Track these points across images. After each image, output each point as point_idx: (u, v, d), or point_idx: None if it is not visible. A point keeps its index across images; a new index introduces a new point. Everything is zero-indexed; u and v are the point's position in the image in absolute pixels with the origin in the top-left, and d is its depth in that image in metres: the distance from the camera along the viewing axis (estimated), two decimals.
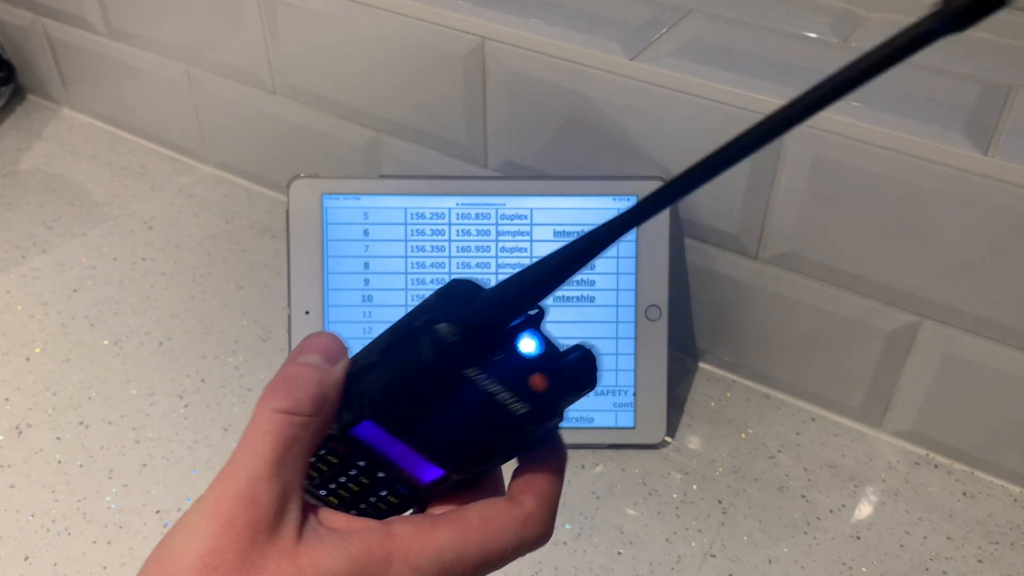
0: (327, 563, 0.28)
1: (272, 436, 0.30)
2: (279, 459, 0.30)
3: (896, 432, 0.65)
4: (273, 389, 0.31)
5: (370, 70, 0.71)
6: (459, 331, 0.29)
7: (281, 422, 0.30)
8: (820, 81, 0.23)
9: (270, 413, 0.30)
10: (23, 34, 0.95)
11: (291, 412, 0.30)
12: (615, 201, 0.63)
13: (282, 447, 0.30)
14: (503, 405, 0.30)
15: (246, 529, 0.28)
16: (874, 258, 0.58)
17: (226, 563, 0.28)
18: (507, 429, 0.31)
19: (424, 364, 0.30)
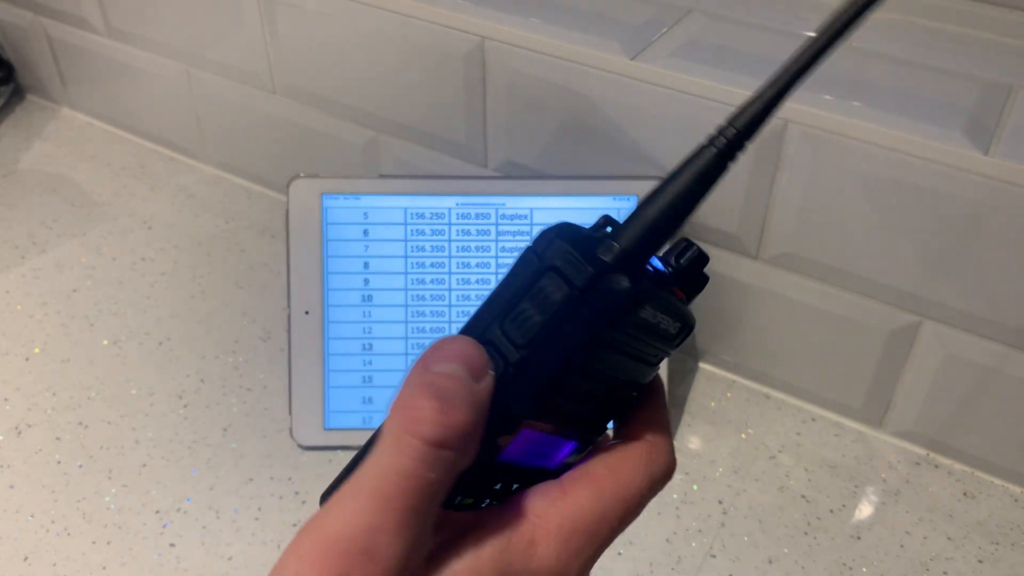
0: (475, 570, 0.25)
1: (411, 480, 0.24)
2: (414, 509, 0.24)
3: (896, 432, 0.65)
4: (416, 407, 0.24)
5: (370, 70, 0.71)
6: (629, 278, 0.26)
7: (426, 458, 0.24)
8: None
9: (414, 444, 0.24)
10: (22, 34, 0.95)
11: (441, 445, 0.24)
12: (615, 201, 0.63)
13: (422, 495, 0.24)
14: (664, 331, 0.28)
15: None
16: (874, 258, 0.58)
17: None
18: (661, 355, 0.29)
19: (603, 323, 0.25)
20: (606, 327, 0.26)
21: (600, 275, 0.25)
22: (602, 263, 0.26)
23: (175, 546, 0.58)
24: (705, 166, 0.27)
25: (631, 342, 0.27)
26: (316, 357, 0.63)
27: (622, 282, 0.25)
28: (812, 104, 0.55)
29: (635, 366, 0.29)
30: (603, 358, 0.27)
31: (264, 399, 0.68)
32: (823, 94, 0.55)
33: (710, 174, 0.27)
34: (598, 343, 0.26)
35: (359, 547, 0.23)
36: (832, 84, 0.56)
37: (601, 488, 0.28)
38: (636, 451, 0.29)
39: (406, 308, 0.64)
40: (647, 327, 0.27)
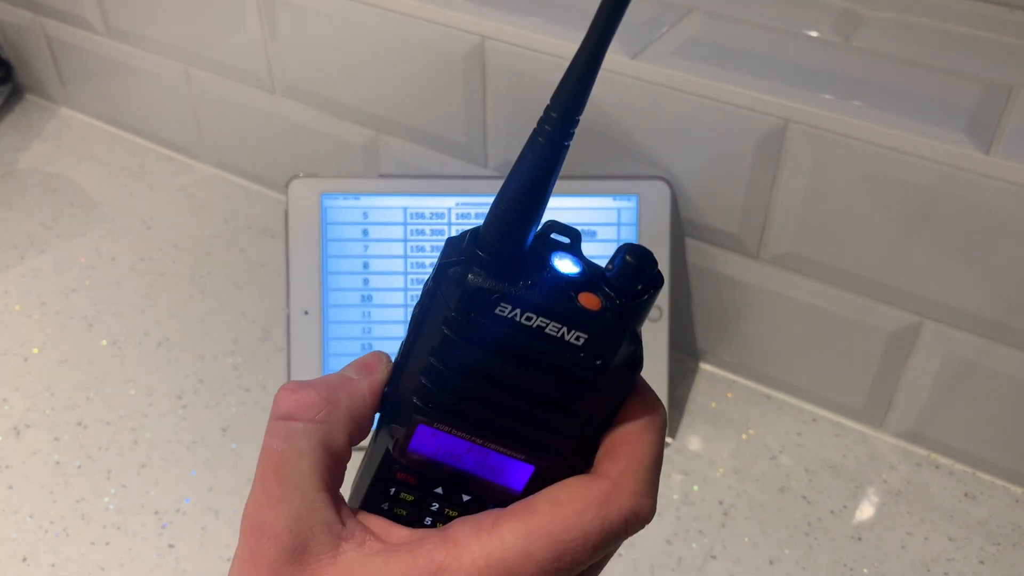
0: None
1: (267, 453, 0.27)
2: (279, 480, 0.26)
3: (897, 433, 0.65)
4: (277, 396, 0.28)
5: (370, 70, 0.71)
6: (464, 265, 0.25)
7: (277, 431, 0.27)
8: None
9: (269, 423, 0.27)
10: (22, 33, 0.95)
11: (287, 417, 0.27)
12: (615, 201, 0.63)
13: (281, 464, 0.27)
14: (557, 340, 0.25)
15: (265, 561, 0.26)
16: (875, 258, 0.58)
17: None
18: (574, 373, 0.25)
19: (447, 319, 0.25)
20: (447, 325, 0.25)
21: (444, 267, 0.25)
22: (450, 262, 0.25)
23: (174, 547, 0.58)
24: (538, 155, 0.25)
25: (511, 343, 0.25)
26: (315, 357, 0.63)
27: (458, 272, 0.25)
28: (813, 104, 0.55)
29: (549, 382, 0.26)
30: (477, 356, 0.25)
31: (263, 399, 0.67)
32: (824, 94, 0.55)
33: (546, 161, 0.25)
34: (460, 335, 0.25)
35: (252, 524, 0.26)
36: (833, 84, 0.56)
37: (535, 526, 0.25)
38: (592, 488, 0.26)
39: (406, 308, 0.64)
40: (516, 327, 0.25)
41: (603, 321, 0.25)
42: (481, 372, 0.26)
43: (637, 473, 0.26)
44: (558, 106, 0.25)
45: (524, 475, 0.28)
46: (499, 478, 0.28)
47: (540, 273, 0.25)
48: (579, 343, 0.25)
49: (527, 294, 0.25)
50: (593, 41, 0.25)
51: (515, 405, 0.26)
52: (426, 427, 0.27)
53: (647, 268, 0.25)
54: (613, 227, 0.63)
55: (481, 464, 0.28)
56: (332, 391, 0.28)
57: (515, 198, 0.25)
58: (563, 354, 0.25)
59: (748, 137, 0.57)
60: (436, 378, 0.26)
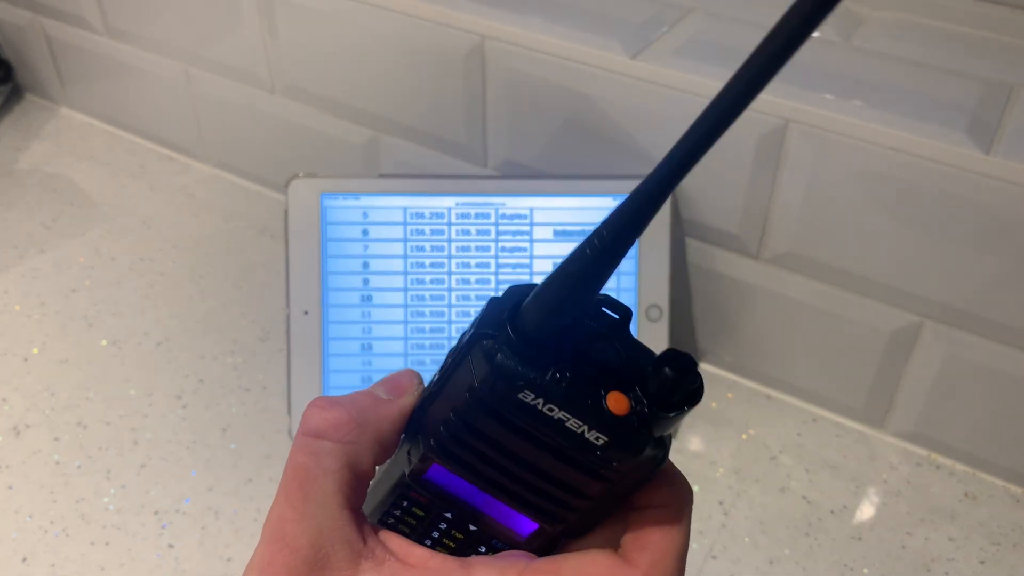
0: None
1: (295, 468, 0.27)
2: (304, 496, 0.27)
3: (898, 433, 0.65)
4: (307, 411, 0.28)
5: (370, 69, 0.71)
6: (497, 340, 0.24)
7: (306, 447, 0.27)
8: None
9: (298, 439, 0.28)
10: (21, 33, 0.95)
11: (316, 435, 0.27)
12: (615, 201, 0.63)
13: (308, 481, 0.27)
14: (577, 436, 0.24)
15: (282, 570, 0.26)
16: (876, 258, 0.58)
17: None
18: (588, 466, 0.25)
19: (471, 388, 0.25)
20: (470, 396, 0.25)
21: (479, 336, 0.25)
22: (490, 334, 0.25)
23: (174, 547, 0.58)
24: (580, 268, 0.24)
25: (529, 428, 0.25)
26: (315, 357, 0.63)
27: (489, 347, 0.24)
28: (813, 103, 0.55)
29: (563, 468, 0.26)
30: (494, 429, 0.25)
31: (263, 399, 0.67)
32: (824, 93, 0.55)
33: (588, 274, 0.24)
34: (479, 406, 0.25)
35: (275, 534, 0.27)
36: (833, 83, 0.56)
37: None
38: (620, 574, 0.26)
39: (405, 308, 0.64)
40: (536, 415, 0.24)
41: (627, 427, 0.24)
42: (495, 443, 0.26)
43: (668, 564, 0.26)
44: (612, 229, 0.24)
45: (529, 528, 0.28)
46: (507, 521, 0.28)
47: (574, 359, 0.24)
48: (598, 443, 0.24)
49: (554, 386, 0.24)
50: (659, 183, 0.24)
51: (526, 479, 0.26)
52: (440, 467, 0.28)
53: (687, 382, 0.24)
54: None
55: (490, 506, 0.28)
56: (362, 413, 0.28)
57: (563, 286, 0.24)
58: (581, 450, 0.25)
59: (748, 137, 0.57)
60: (454, 432, 0.26)
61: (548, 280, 0.25)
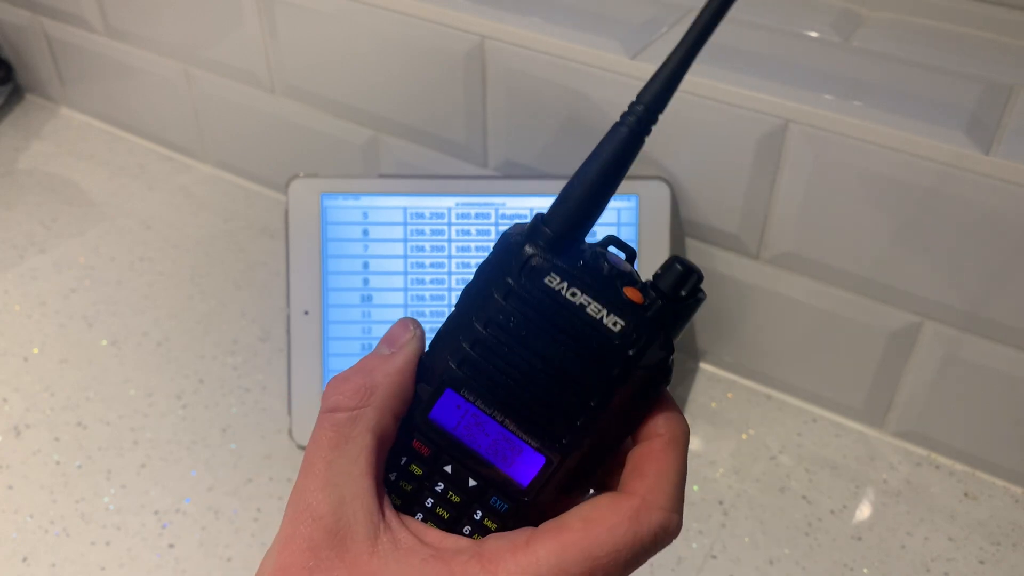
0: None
1: (316, 442, 0.28)
2: (327, 465, 0.27)
3: (897, 433, 0.65)
4: (325, 392, 0.29)
5: (370, 69, 0.71)
6: (526, 236, 0.27)
7: (324, 423, 0.28)
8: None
9: (319, 416, 0.29)
10: (21, 33, 0.95)
11: (333, 409, 0.28)
12: (615, 201, 0.63)
13: (330, 451, 0.28)
14: (596, 321, 0.26)
15: (306, 543, 0.26)
16: (875, 258, 0.58)
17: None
18: (604, 359, 0.26)
19: (499, 284, 0.26)
20: (507, 279, 0.27)
21: (505, 236, 0.27)
22: (518, 241, 0.27)
23: (174, 547, 0.58)
24: (620, 145, 0.28)
25: (553, 314, 0.27)
26: (315, 357, 0.63)
27: (518, 240, 0.27)
28: (813, 104, 0.55)
29: (579, 364, 0.27)
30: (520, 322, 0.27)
31: (263, 399, 0.67)
32: (824, 94, 0.55)
33: (626, 151, 0.28)
34: (507, 298, 0.27)
35: (297, 508, 0.27)
36: (833, 84, 0.56)
37: (568, 543, 0.26)
38: (622, 506, 0.27)
39: (405, 308, 0.64)
40: (560, 300, 0.27)
41: (642, 315, 0.27)
42: (519, 340, 0.27)
43: (664, 489, 0.27)
44: (648, 99, 0.28)
45: (532, 469, 0.28)
46: (508, 467, 0.29)
47: (594, 262, 0.27)
48: (616, 329, 0.26)
49: (578, 272, 0.27)
50: (688, 44, 0.28)
51: (544, 382, 0.27)
52: (453, 393, 0.28)
53: (693, 279, 0.27)
54: (613, 227, 0.63)
55: (494, 448, 0.28)
56: (369, 376, 0.29)
57: (589, 180, 0.27)
58: (599, 336, 0.26)
59: (748, 137, 0.57)
60: (475, 343, 0.28)
61: (580, 171, 0.28)
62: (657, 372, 0.27)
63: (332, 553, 0.26)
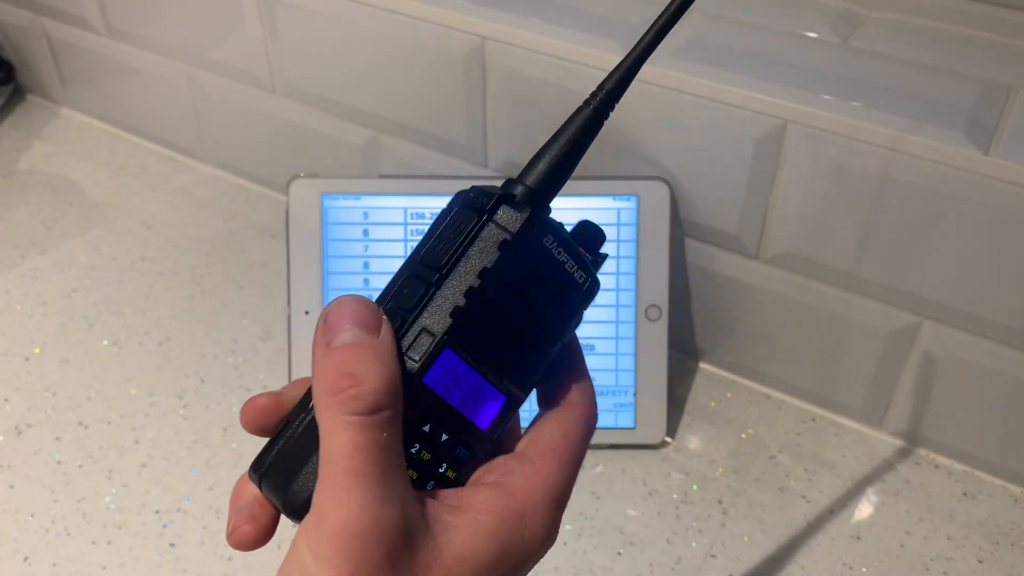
0: (471, 553, 0.27)
1: (370, 448, 0.26)
2: (384, 471, 0.26)
3: (896, 432, 0.65)
4: (339, 390, 0.27)
5: (370, 70, 0.71)
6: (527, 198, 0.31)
7: (368, 426, 0.26)
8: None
9: (355, 420, 0.26)
10: (22, 33, 0.95)
11: (374, 410, 0.26)
12: (615, 201, 0.63)
13: (385, 453, 0.26)
14: (571, 275, 0.32)
15: (385, 559, 0.25)
16: (874, 258, 0.58)
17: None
18: (570, 309, 0.32)
19: (503, 242, 0.30)
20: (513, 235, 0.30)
21: (501, 199, 0.30)
22: (505, 194, 0.31)
23: (175, 546, 0.58)
24: (584, 122, 0.32)
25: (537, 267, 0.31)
26: None
27: (522, 203, 0.30)
28: (812, 104, 0.55)
29: (549, 306, 0.31)
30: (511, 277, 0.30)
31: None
32: (823, 94, 0.55)
33: (589, 128, 0.32)
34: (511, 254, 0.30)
35: (368, 526, 0.25)
36: (832, 84, 0.56)
37: (564, 457, 0.31)
38: (579, 414, 0.32)
39: None
40: (551, 258, 0.31)
41: (593, 269, 0.33)
42: (512, 290, 0.30)
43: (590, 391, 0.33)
44: (610, 87, 0.33)
45: (492, 411, 0.31)
46: (471, 414, 0.31)
47: (559, 225, 0.32)
48: (581, 282, 0.32)
49: (566, 236, 0.32)
50: (648, 39, 0.33)
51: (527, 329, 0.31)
52: (451, 352, 0.29)
53: (602, 232, 0.35)
54: (613, 227, 0.63)
55: (464, 398, 0.30)
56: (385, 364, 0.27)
57: (558, 148, 0.32)
58: (573, 288, 0.32)
59: (747, 137, 0.57)
60: (468, 294, 0.29)
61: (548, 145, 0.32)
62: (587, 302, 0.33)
63: (406, 557, 0.26)
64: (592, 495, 0.62)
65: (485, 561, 0.27)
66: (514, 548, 0.28)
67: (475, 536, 0.27)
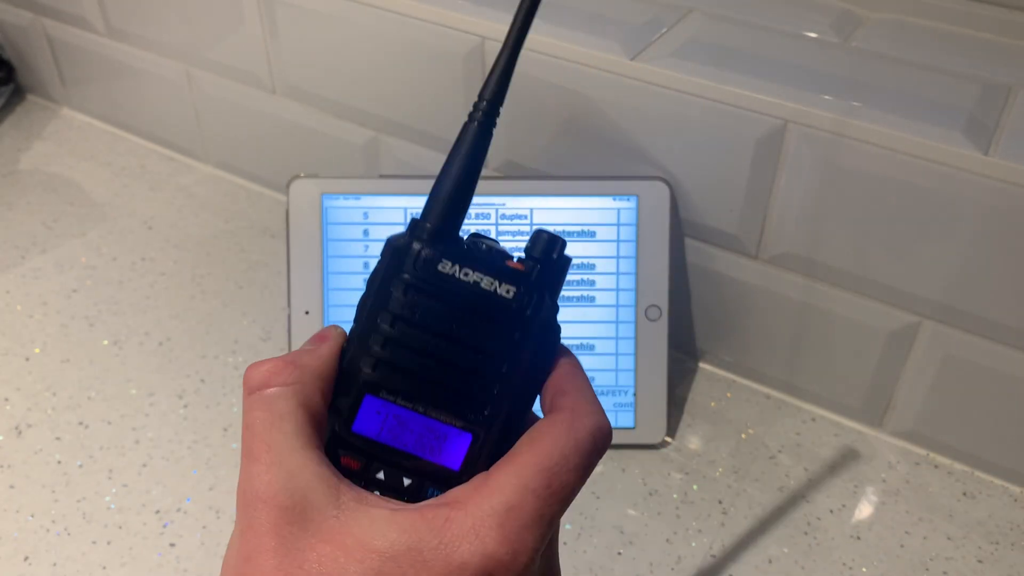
0: (377, 538, 0.26)
1: (249, 427, 0.28)
2: (267, 446, 0.27)
3: (896, 432, 0.65)
4: (245, 376, 0.30)
5: (370, 70, 0.71)
6: (409, 235, 0.30)
7: (254, 405, 0.28)
8: None
9: (245, 399, 0.29)
10: (23, 34, 0.95)
11: (261, 387, 0.29)
12: (615, 201, 0.63)
13: (264, 430, 0.28)
14: (491, 293, 0.30)
15: (265, 527, 0.26)
16: (874, 258, 0.58)
17: (263, 566, 0.26)
18: (504, 324, 0.30)
19: (395, 281, 0.29)
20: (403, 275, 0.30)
21: (389, 244, 0.30)
22: (393, 237, 0.31)
23: (175, 546, 0.58)
24: (473, 139, 0.32)
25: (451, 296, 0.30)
26: None
27: (404, 240, 0.30)
28: (812, 104, 0.55)
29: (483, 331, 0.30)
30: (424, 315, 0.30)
31: None
32: (823, 94, 0.55)
33: (479, 144, 0.32)
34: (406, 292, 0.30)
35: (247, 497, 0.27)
36: (832, 84, 0.56)
37: (521, 464, 0.28)
38: (555, 421, 0.29)
39: None
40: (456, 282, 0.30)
41: (528, 278, 0.30)
42: (424, 327, 0.30)
43: (587, 398, 0.30)
44: (489, 94, 0.33)
45: (461, 450, 0.30)
46: (437, 457, 0.30)
47: (474, 245, 0.31)
48: (509, 296, 0.30)
49: (465, 256, 0.30)
50: (512, 39, 0.33)
51: (457, 362, 0.30)
52: (373, 398, 0.29)
53: (559, 244, 0.31)
54: (613, 227, 0.63)
55: (421, 442, 0.30)
56: (296, 357, 0.30)
57: (454, 174, 0.32)
58: (497, 305, 0.30)
59: (747, 137, 0.57)
60: (383, 343, 0.30)
61: (443, 170, 0.32)
62: (550, 330, 0.31)
63: (295, 528, 0.26)
64: (592, 495, 0.62)
65: (388, 551, 0.26)
66: (430, 550, 0.26)
67: (384, 523, 0.27)
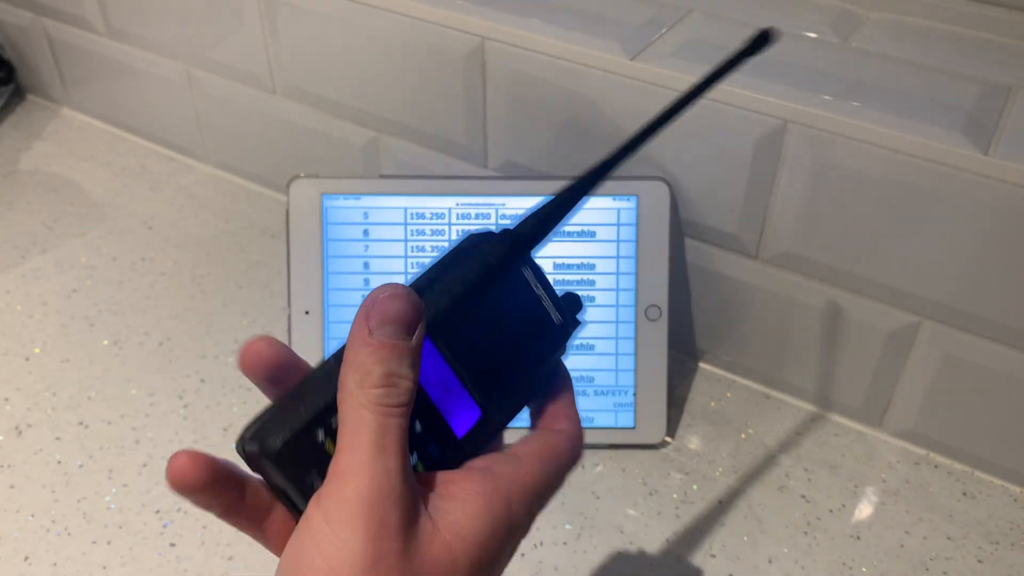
0: (467, 531, 0.30)
1: (390, 432, 0.30)
2: (401, 450, 0.29)
3: (896, 432, 0.65)
4: (373, 385, 0.30)
5: (370, 70, 0.71)
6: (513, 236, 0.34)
7: (392, 415, 0.30)
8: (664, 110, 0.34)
9: (379, 410, 0.30)
10: (23, 34, 0.95)
11: (399, 406, 0.30)
12: (615, 201, 0.63)
13: (401, 439, 0.30)
14: (545, 311, 0.35)
15: (401, 524, 0.28)
16: (874, 258, 0.58)
17: (391, 567, 0.28)
18: (550, 339, 0.35)
19: (488, 264, 0.33)
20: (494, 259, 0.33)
21: (489, 234, 0.34)
22: (492, 232, 0.35)
23: (175, 546, 0.58)
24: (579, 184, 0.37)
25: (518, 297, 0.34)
26: (316, 357, 0.63)
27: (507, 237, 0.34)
28: (812, 104, 0.55)
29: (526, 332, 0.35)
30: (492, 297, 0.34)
31: (264, 399, 0.67)
32: (823, 94, 0.55)
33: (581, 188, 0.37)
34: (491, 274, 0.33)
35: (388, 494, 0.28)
36: (832, 84, 0.56)
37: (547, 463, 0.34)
38: (562, 438, 0.35)
39: None
40: (527, 287, 0.35)
41: (565, 308, 0.36)
42: (490, 308, 0.34)
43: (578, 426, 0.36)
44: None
45: (469, 422, 0.33)
46: (450, 417, 0.33)
47: (542, 272, 0.36)
48: (556, 320, 0.35)
49: (545, 276, 0.35)
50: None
51: (502, 348, 0.34)
52: (428, 341, 0.32)
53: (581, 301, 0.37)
54: (613, 227, 0.63)
55: (443, 398, 0.33)
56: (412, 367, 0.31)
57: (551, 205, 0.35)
58: (548, 322, 0.35)
59: (747, 137, 0.58)
60: (455, 303, 0.33)
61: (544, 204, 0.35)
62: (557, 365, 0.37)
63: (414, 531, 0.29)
64: (592, 495, 0.62)
65: (479, 538, 0.30)
66: (502, 527, 0.31)
67: (466, 515, 0.30)
